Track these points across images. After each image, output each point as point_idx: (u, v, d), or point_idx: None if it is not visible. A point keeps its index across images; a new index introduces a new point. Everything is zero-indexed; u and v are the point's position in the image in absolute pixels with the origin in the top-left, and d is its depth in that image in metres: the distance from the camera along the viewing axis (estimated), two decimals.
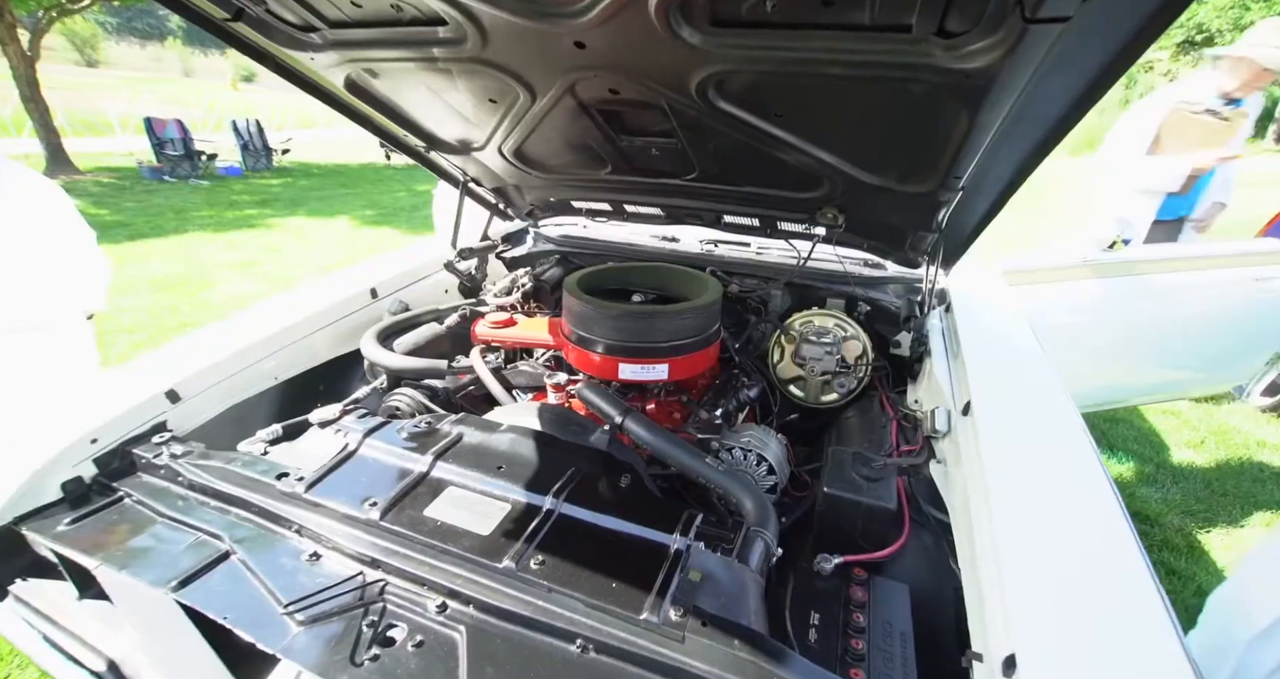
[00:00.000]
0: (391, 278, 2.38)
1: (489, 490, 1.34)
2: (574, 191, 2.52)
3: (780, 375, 2.37)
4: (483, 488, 1.35)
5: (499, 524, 1.24)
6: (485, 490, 1.34)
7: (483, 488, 1.35)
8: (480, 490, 1.34)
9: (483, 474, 1.37)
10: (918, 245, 2.08)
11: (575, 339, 1.95)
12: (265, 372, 1.86)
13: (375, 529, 1.23)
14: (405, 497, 1.31)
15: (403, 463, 1.41)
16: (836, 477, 1.48)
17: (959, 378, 1.72)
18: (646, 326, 1.85)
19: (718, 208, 2.37)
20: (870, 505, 1.41)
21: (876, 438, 1.85)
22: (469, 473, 1.37)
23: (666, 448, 1.50)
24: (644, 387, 2.10)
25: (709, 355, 2.01)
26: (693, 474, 1.47)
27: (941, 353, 1.94)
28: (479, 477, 1.36)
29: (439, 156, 2.28)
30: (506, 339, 2.19)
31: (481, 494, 1.33)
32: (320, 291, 2.18)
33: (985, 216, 1.73)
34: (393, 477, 1.36)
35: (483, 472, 1.38)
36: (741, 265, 2.60)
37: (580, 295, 1.92)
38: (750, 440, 1.64)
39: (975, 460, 1.38)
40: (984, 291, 2.32)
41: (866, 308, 2.36)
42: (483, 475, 1.37)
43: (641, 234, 2.96)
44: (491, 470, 1.38)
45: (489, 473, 1.37)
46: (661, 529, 1.23)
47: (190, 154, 12.92)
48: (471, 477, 1.37)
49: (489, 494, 1.33)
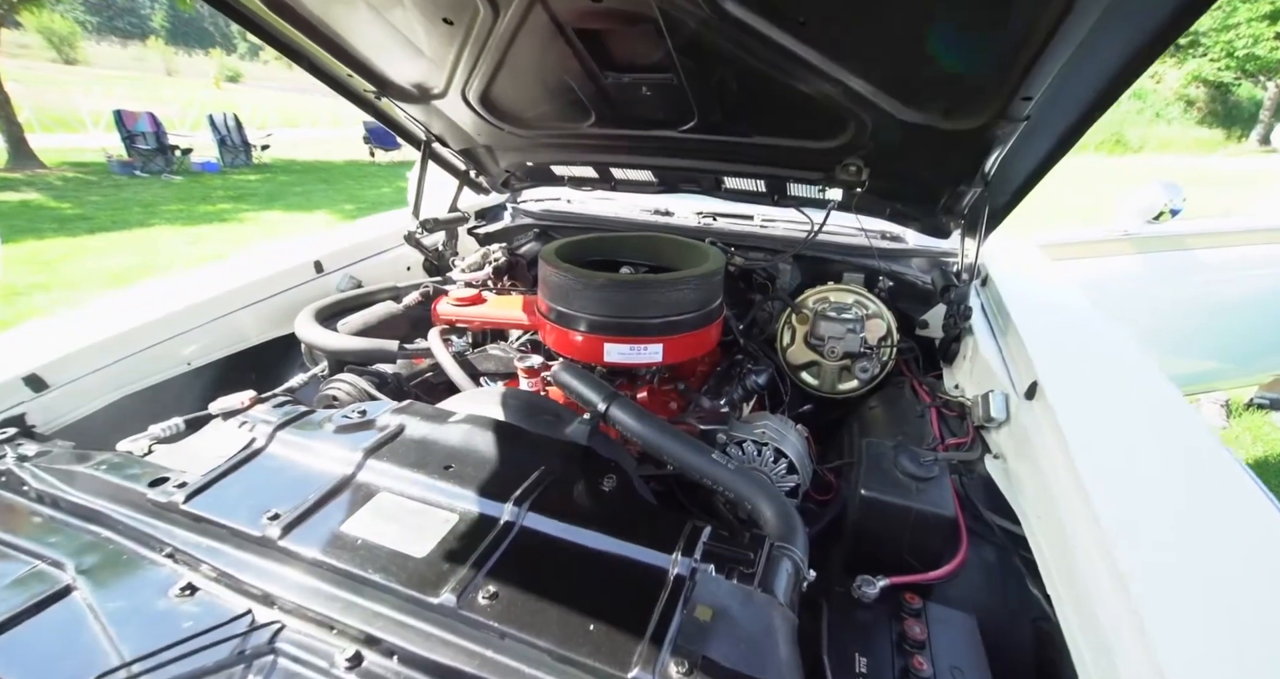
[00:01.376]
0: (342, 250, 2.06)
1: (431, 497, 1.03)
2: (554, 153, 2.20)
3: (791, 361, 2.06)
4: (423, 494, 1.03)
5: (440, 543, 0.93)
6: (426, 497, 1.03)
7: (423, 494, 1.03)
8: (420, 497, 1.03)
9: (425, 476, 1.06)
10: (953, 206, 1.79)
11: (553, 316, 1.64)
12: (173, 355, 1.53)
13: (273, 551, 0.92)
14: (320, 507, 0.99)
15: (322, 463, 1.09)
16: (876, 476, 1.18)
17: (1015, 357, 1.43)
18: (637, 299, 1.54)
19: (718, 168, 2.06)
20: (921, 512, 1.11)
21: (912, 430, 1.55)
22: (408, 475, 1.06)
23: (662, 441, 1.20)
24: (634, 372, 1.80)
25: (710, 335, 1.70)
26: (695, 474, 1.17)
27: (986, 331, 1.65)
28: (420, 479, 1.05)
29: (396, 107, 1.96)
30: (473, 318, 1.88)
31: (421, 502, 1.02)
32: (251, 262, 1.85)
33: (1044, 162, 1.43)
34: (307, 481, 1.05)
35: (426, 473, 1.06)
36: (744, 239, 2.29)
37: (558, 263, 1.61)
38: (765, 432, 1.34)
39: (1056, 454, 1.08)
40: (1026, 264, 2.03)
41: (889, 283, 2.06)
42: (425, 477, 1.05)
43: (631, 208, 2.66)
44: (437, 471, 1.07)
45: (433, 474, 1.06)
46: (657, 547, 0.93)
47: (163, 148, 12.45)
48: (410, 479, 1.05)
49: (431, 502, 1.02)
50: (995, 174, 1.53)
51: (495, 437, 1.17)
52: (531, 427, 1.23)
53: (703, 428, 1.38)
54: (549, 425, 1.25)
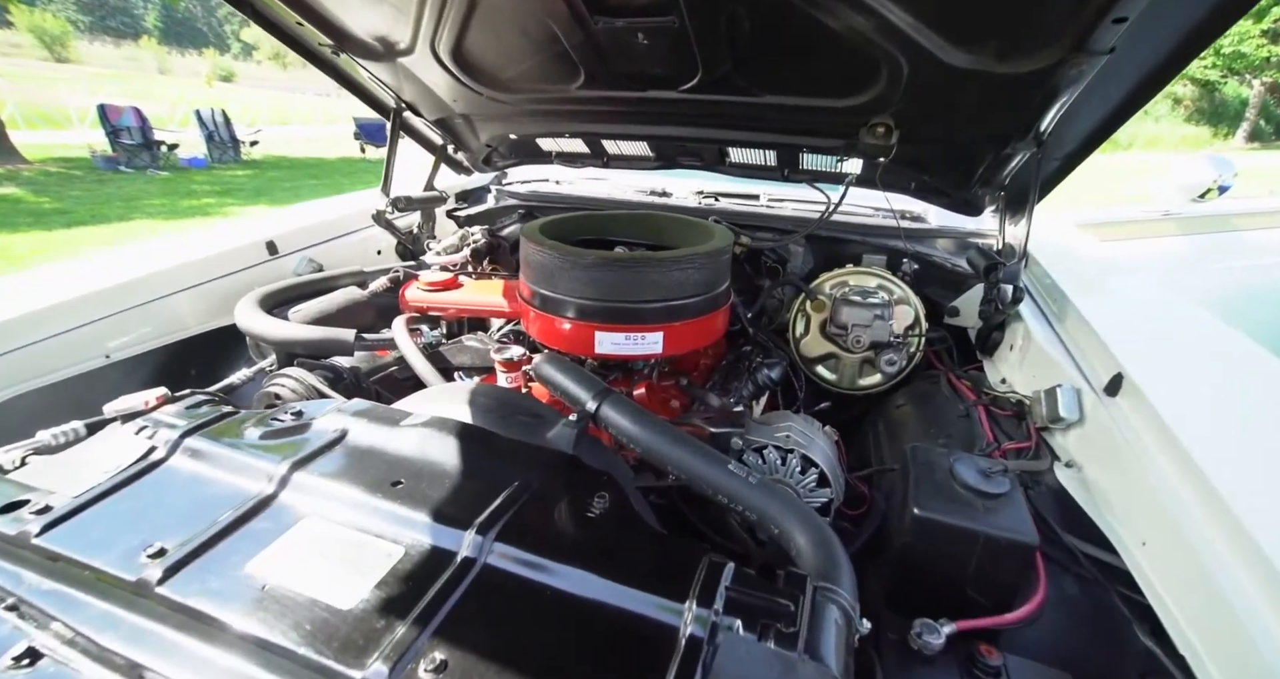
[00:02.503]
0: (300, 230, 1.82)
1: (371, 524, 0.80)
2: (539, 122, 1.97)
3: (805, 353, 1.84)
4: (361, 519, 0.80)
5: (376, 588, 0.70)
6: (365, 524, 0.80)
7: (361, 519, 0.80)
8: (356, 524, 0.80)
9: (367, 495, 0.83)
10: (992, 176, 1.56)
11: (537, 302, 1.42)
12: (89, 345, 1.29)
13: (147, 602, 0.69)
14: (221, 539, 0.76)
15: (236, 479, 0.86)
16: (931, 491, 0.95)
17: (1084, 346, 1.20)
18: (633, 281, 1.32)
19: (723, 137, 1.84)
20: (993, 538, 0.88)
21: (956, 433, 1.33)
22: (344, 493, 0.83)
23: (666, 447, 0.97)
24: (630, 366, 1.57)
25: (716, 322, 1.48)
26: (707, 488, 0.94)
27: (1037, 317, 1.42)
28: (360, 499, 0.82)
29: (359, 67, 1.73)
30: (446, 305, 1.65)
31: (357, 530, 0.79)
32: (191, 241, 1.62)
33: (1115, 114, 1.21)
34: (211, 503, 0.82)
35: (367, 491, 0.83)
36: (751, 219, 2.07)
37: (542, 240, 1.39)
38: (790, 436, 1.11)
39: (1163, 462, 0.86)
40: (1070, 243, 1.81)
41: (914, 266, 1.84)
42: (366, 497, 0.82)
43: (625, 189, 2.43)
44: (382, 489, 0.84)
45: (377, 493, 0.83)
46: (665, 592, 0.70)
47: (149, 143, 12.12)
48: (347, 500, 0.82)
49: (370, 530, 0.79)
50: (1052, 133, 1.30)
51: (459, 444, 0.94)
52: (505, 430, 1.00)
53: (713, 430, 1.15)
54: (527, 429, 1.02)
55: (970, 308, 1.79)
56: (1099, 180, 12.06)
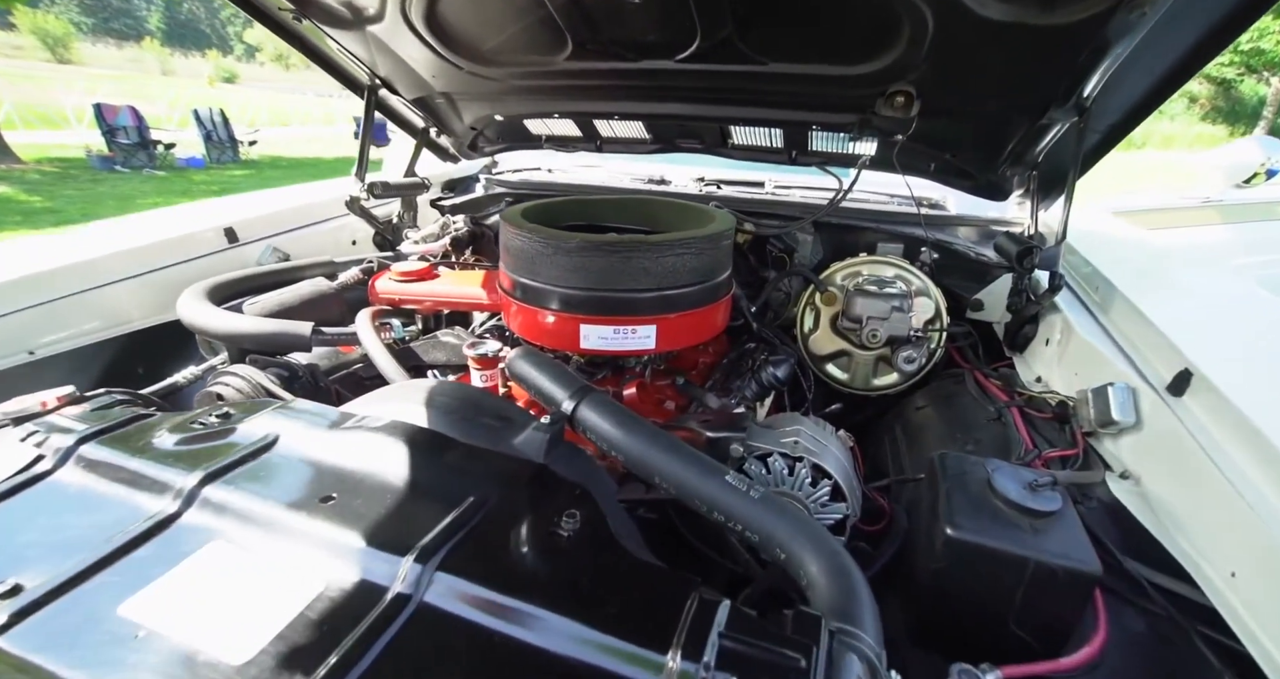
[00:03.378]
0: (265, 216, 1.68)
1: (291, 549, 0.65)
2: (525, 101, 1.83)
3: (814, 350, 1.69)
4: (278, 545, 0.66)
5: (279, 639, 0.55)
6: (282, 551, 0.65)
7: (278, 545, 0.66)
8: (271, 551, 0.65)
9: (290, 513, 0.68)
10: (1024, 152, 1.41)
11: (517, 293, 1.28)
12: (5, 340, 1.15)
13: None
14: (97, 571, 0.61)
15: (135, 495, 0.71)
16: (967, 508, 0.80)
17: (1139, 340, 1.05)
18: (623, 268, 1.18)
19: (724, 115, 1.69)
20: (1046, 566, 0.73)
21: (986, 438, 1.18)
22: (263, 511, 0.68)
23: (653, 455, 0.83)
24: (620, 363, 1.43)
25: (716, 315, 1.34)
26: (702, 504, 0.79)
27: (1078, 309, 1.28)
28: (280, 519, 0.67)
29: (326, 37, 1.58)
30: (421, 297, 1.50)
31: (272, 559, 0.64)
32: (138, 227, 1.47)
33: (1175, 73, 1.06)
34: (99, 525, 0.67)
35: (291, 508, 0.69)
36: (755, 206, 1.92)
37: (522, 224, 1.25)
38: (799, 442, 0.96)
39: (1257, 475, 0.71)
40: (1108, 230, 1.65)
41: (934, 255, 1.69)
42: (289, 515, 0.68)
43: (621, 177, 2.29)
44: (309, 506, 0.69)
45: (302, 511, 0.68)
46: (643, 639, 0.55)
47: (146, 143, 11.99)
48: (264, 520, 0.68)
49: (286, 559, 0.64)
50: (1098, 97, 1.15)
51: (408, 451, 0.79)
52: (466, 435, 0.85)
53: (711, 435, 1.00)
54: (492, 434, 0.88)
55: (995, 301, 1.64)
56: (1110, 180, 11.88)
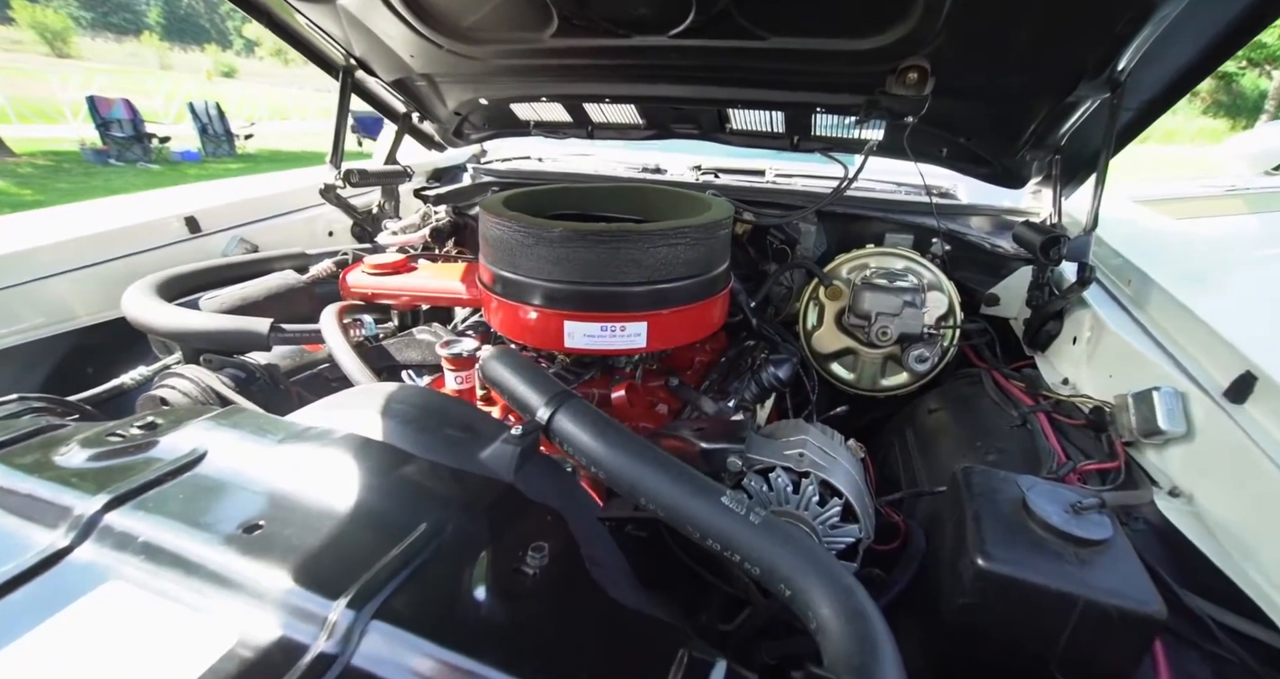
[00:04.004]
0: (232, 204, 1.57)
1: (200, 593, 0.54)
2: (511, 83, 1.72)
3: (817, 348, 1.59)
4: (188, 586, 0.55)
5: None
6: (192, 593, 0.54)
7: (188, 586, 0.55)
8: (180, 593, 0.54)
9: (206, 546, 0.57)
10: (1045, 135, 1.30)
11: (498, 287, 1.17)
12: None
13: None
14: None
15: (22, 524, 0.61)
16: (1001, 532, 0.70)
17: (1187, 338, 0.94)
18: (611, 259, 1.07)
19: (723, 97, 1.58)
20: (1098, 606, 0.62)
21: (1010, 447, 1.07)
22: (176, 543, 0.58)
23: (635, 471, 0.72)
24: (609, 363, 1.32)
25: (713, 311, 1.23)
26: (694, 529, 0.69)
27: (1109, 303, 1.17)
28: (194, 554, 0.57)
29: (292, 7, 1.47)
30: (394, 291, 1.40)
31: (178, 601, 0.54)
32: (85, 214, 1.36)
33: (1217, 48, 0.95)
34: None
35: (210, 538, 0.58)
36: (755, 195, 1.81)
37: (502, 211, 1.14)
38: (805, 454, 0.85)
39: None
40: (1142, 219, 1.55)
41: (946, 247, 1.58)
42: (205, 549, 0.57)
43: (614, 166, 2.18)
44: (231, 535, 0.59)
45: (222, 542, 0.58)
46: None
47: (140, 136, 11.86)
48: (176, 554, 0.57)
49: (195, 603, 0.53)
50: (1134, 70, 1.04)
51: (356, 469, 0.69)
52: (424, 449, 0.74)
53: (705, 446, 0.89)
54: (454, 447, 0.77)
55: (1013, 295, 1.53)
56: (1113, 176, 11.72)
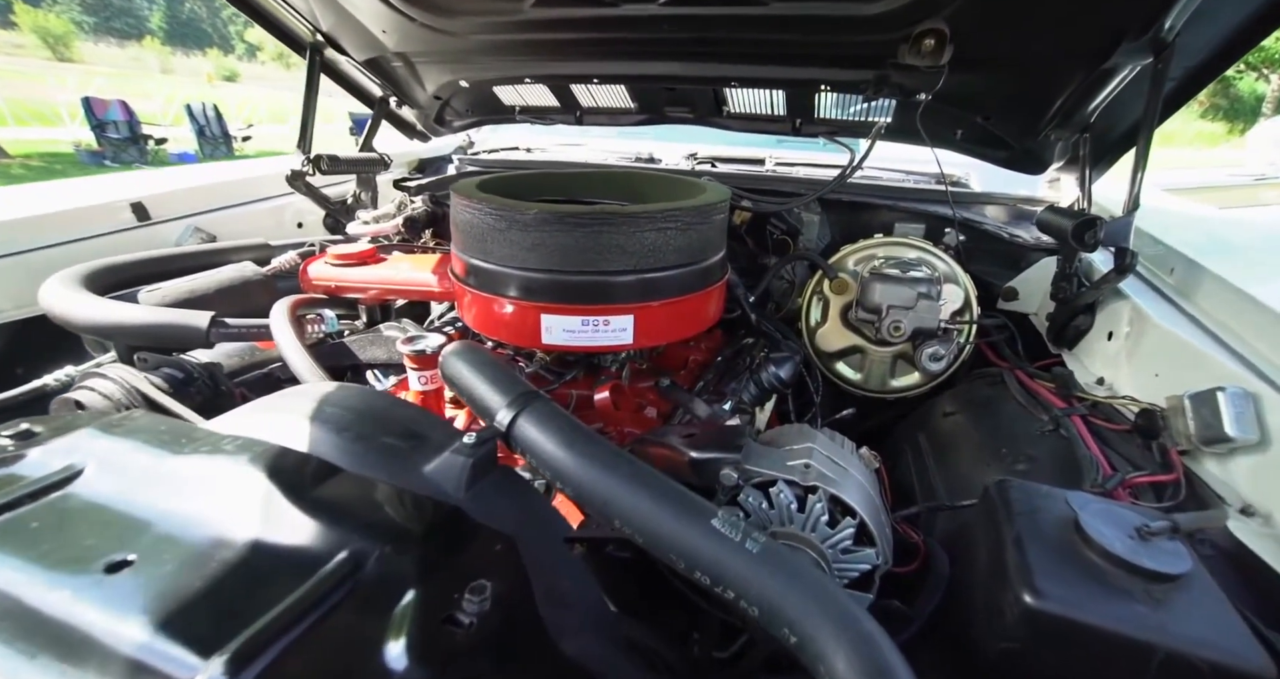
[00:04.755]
0: (188, 190, 1.45)
1: (44, 649, 0.42)
2: (491, 62, 1.60)
3: (821, 346, 1.47)
4: (23, 638, 0.43)
5: None
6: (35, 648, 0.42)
7: (23, 638, 0.43)
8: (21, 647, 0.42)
9: (59, 586, 0.45)
10: (1075, 110, 1.18)
11: (470, 277, 1.06)
12: None
13: None
14: None
15: None
16: (1052, 561, 0.57)
17: (1252, 333, 0.82)
18: (591, 244, 0.96)
19: (719, 74, 1.46)
20: (1183, 659, 0.50)
21: (1041, 454, 0.95)
22: (23, 582, 0.46)
23: (608, 486, 0.59)
24: (594, 361, 1.20)
25: (708, 304, 1.11)
26: (676, 557, 0.56)
27: (1150, 294, 1.05)
28: (38, 594, 0.45)
29: None
30: (359, 284, 1.27)
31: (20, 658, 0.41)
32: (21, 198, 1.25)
33: None
34: None
35: (65, 577, 0.46)
36: (754, 183, 1.69)
37: (472, 193, 1.03)
38: (811, 466, 0.72)
39: None
40: (1178, 207, 1.43)
41: (960, 237, 1.45)
42: (55, 592, 0.45)
43: (606, 156, 2.07)
44: (91, 574, 0.46)
45: (80, 582, 0.45)
46: None
47: (136, 138, 11.78)
48: (21, 595, 0.45)
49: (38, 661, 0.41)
50: (1182, 30, 0.92)
51: (268, 487, 0.56)
52: (356, 461, 0.62)
53: (695, 456, 0.77)
54: (395, 458, 0.65)
55: (1032, 289, 1.41)
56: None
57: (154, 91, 21.15)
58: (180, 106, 17.94)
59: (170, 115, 17.52)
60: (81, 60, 47.76)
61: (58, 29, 48.32)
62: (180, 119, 15.87)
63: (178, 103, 18.85)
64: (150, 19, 76.92)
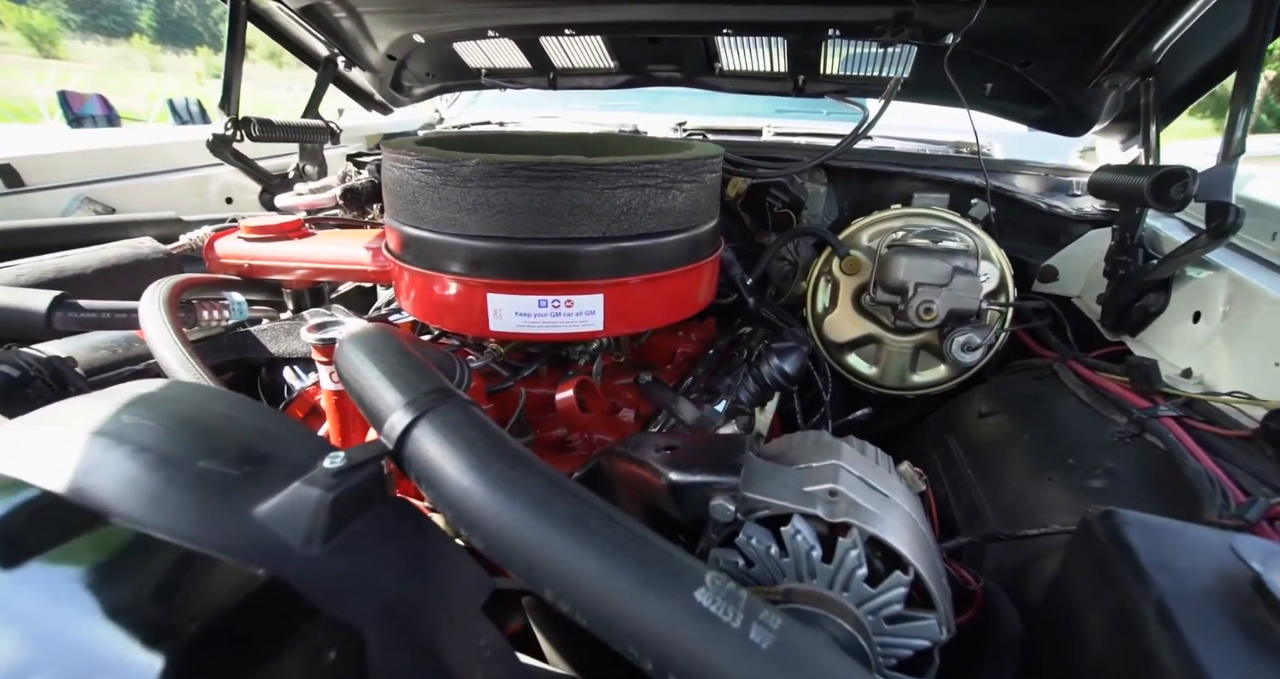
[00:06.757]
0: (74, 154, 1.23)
1: None
2: (449, 11, 1.38)
3: (829, 336, 1.26)
4: None
5: None
6: None
7: None
8: None
9: None
10: (1135, 53, 0.97)
11: (405, 251, 0.85)
12: None
13: None
14: None
15: None
16: (1236, 654, 0.36)
17: None
18: (548, 204, 0.75)
19: (711, 20, 1.25)
20: None
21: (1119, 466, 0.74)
22: None
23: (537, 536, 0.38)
24: (562, 353, 0.99)
25: (697, 281, 0.90)
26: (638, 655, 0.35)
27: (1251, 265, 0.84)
28: None
29: None
30: (277, 262, 1.06)
31: None
32: None
33: None
34: None
35: None
36: (751, 151, 1.48)
37: (409, 147, 0.81)
38: (838, 492, 0.51)
39: None
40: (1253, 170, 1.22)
41: (991, 208, 1.25)
42: None
43: (585, 128, 1.85)
44: None
45: None
46: None
47: None
48: None
49: None
50: None
51: None
52: (149, 503, 0.40)
53: (676, 479, 0.55)
54: (211, 496, 0.42)
55: (1076, 267, 1.21)
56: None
57: (138, 88, 20.81)
58: (163, 102, 17.64)
59: (154, 112, 17.21)
60: (68, 57, 47.29)
61: (43, 26, 47.87)
62: (165, 116, 15.57)
63: (162, 98, 18.53)
64: (140, 17, 76.35)
